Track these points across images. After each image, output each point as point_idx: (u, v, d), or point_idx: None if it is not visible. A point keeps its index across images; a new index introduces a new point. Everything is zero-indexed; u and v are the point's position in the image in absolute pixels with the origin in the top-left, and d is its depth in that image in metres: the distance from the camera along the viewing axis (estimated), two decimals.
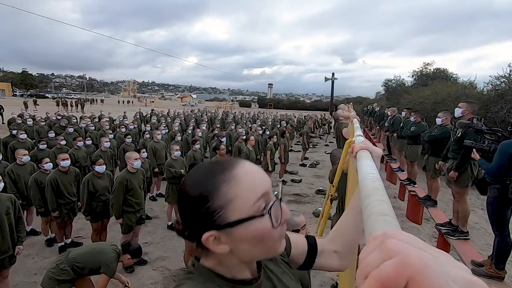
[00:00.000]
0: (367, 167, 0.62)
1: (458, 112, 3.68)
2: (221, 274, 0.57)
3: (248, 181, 0.53)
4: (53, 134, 6.84)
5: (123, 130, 7.86)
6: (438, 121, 4.33)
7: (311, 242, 0.80)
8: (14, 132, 6.43)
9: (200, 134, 7.59)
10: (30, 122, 8.60)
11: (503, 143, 2.71)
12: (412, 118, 5.72)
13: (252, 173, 0.55)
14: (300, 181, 7.94)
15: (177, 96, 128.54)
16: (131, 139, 6.54)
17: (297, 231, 1.88)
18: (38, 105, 19.76)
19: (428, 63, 15.18)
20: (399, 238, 0.23)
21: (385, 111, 8.65)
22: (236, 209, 0.51)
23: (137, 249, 2.65)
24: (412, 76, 15.36)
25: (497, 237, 2.76)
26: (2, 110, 16.49)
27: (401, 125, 6.40)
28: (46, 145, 5.31)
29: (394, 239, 0.23)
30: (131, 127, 8.95)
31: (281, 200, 0.57)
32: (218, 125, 11.31)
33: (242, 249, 0.54)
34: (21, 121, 9.23)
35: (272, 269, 0.68)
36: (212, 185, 0.52)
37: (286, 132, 7.96)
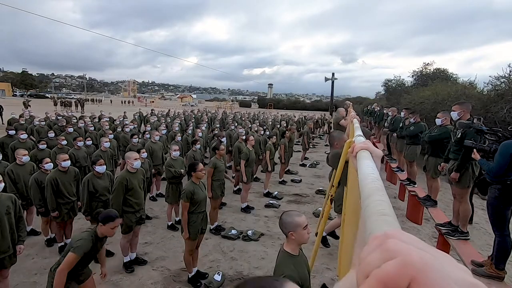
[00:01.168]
0: (367, 167, 0.62)
1: (454, 115, 3.71)
2: None
3: None
4: (53, 134, 6.86)
5: (127, 130, 7.89)
6: (438, 121, 4.33)
7: None
8: (12, 132, 6.41)
9: (200, 134, 7.59)
10: (37, 122, 8.61)
11: (503, 144, 2.71)
12: (411, 120, 5.72)
13: None
14: (300, 181, 7.94)
15: (177, 96, 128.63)
16: (137, 139, 6.57)
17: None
18: (30, 106, 19.23)
19: (428, 63, 15.16)
20: (400, 238, 0.23)
21: (385, 111, 8.66)
22: None
23: (104, 214, 2.48)
24: (412, 76, 15.35)
25: (497, 237, 2.77)
26: (1, 110, 16.47)
27: (401, 125, 6.40)
28: (46, 145, 5.33)
29: (395, 239, 0.23)
30: (131, 127, 8.95)
31: None
32: (218, 125, 11.32)
33: None
34: (24, 122, 9.20)
35: None
36: None
37: (287, 132, 7.96)
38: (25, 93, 64.25)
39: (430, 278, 0.19)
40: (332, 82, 30.38)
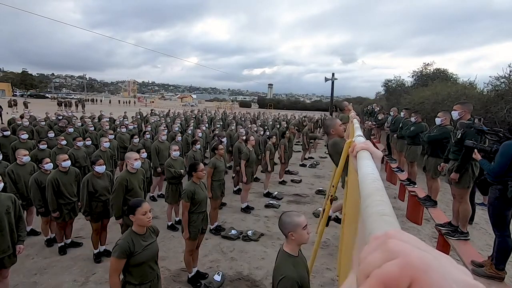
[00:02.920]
0: (367, 168, 0.62)
1: (455, 115, 3.69)
2: None
3: None
4: (53, 134, 6.86)
5: (124, 130, 7.88)
6: (438, 121, 4.33)
7: None
8: (6, 133, 6.40)
9: (200, 134, 7.59)
10: (26, 123, 8.59)
11: (504, 144, 2.71)
12: (412, 119, 5.73)
13: None
14: (300, 181, 7.94)
15: (177, 96, 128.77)
16: (138, 139, 6.59)
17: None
18: (13, 106, 18.00)
19: (428, 64, 15.11)
20: (401, 238, 0.23)
21: (379, 118, 8.86)
22: None
23: (129, 205, 2.39)
24: (412, 76, 15.32)
25: (498, 238, 2.76)
26: (1, 110, 16.52)
27: (400, 125, 6.41)
28: (46, 145, 5.33)
29: (396, 239, 0.23)
30: (131, 127, 8.95)
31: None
32: (218, 126, 11.32)
33: None
34: (26, 122, 9.20)
35: None
36: None
37: (287, 132, 7.96)
38: (25, 93, 64.23)
39: (431, 278, 0.19)
40: (332, 82, 30.38)
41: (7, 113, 10.44)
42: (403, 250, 0.21)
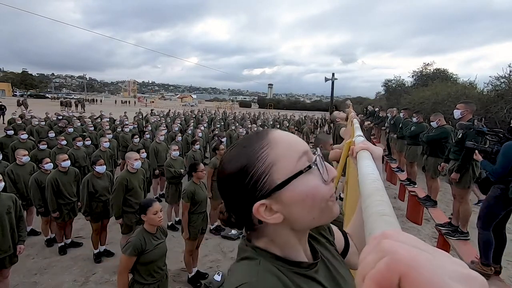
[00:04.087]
0: (367, 168, 0.62)
1: (457, 113, 3.68)
2: (274, 253, 0.53)
3: (286, 142, 0.52)
4: (53, 134, 6.86)
5: (127, 130, 7.88)
6: (433, 124, 4.36)
7: (346, 237, 0.77)
8: (10, 132, 6.46)
9: (200, 134, 7.58)
10: (36, 122, 8.60)
11: (506, 145, 2.70)
12: (414, 119, 5.73)
13: (287, 135, 0.54)
14: None
15: (177, 96, 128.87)
16: (138, 139, 6.59)
17: None
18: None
19: (428, 63, 15.10)
20: (396, 238, 0.23)
21: (380, 115, 8.87)
22: (280, 170, 0.49)
23: (140, 206, 2.44)
24: (412, 76, 15.31)
25: (480, 231, 2.81)
26: (4, 109, 16.52)
27: (400, 125, 6.41)
28: (46, 145, 5.33)
29: (391, 239, 0.23)
30: (130, 127, 8.94)
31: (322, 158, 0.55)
32: (218, 126, 11.32)
33: (296, 213, 0.50)
34: (21, 122, 9.20)
35: (329, 258, 0.63)
36: (251, 155, 0.51)
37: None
38: (25, 93, 64.25)
39: (420, 272, 0.19)
40: (332, 82, 30.33)
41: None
42: (395, 248, 0.21)
